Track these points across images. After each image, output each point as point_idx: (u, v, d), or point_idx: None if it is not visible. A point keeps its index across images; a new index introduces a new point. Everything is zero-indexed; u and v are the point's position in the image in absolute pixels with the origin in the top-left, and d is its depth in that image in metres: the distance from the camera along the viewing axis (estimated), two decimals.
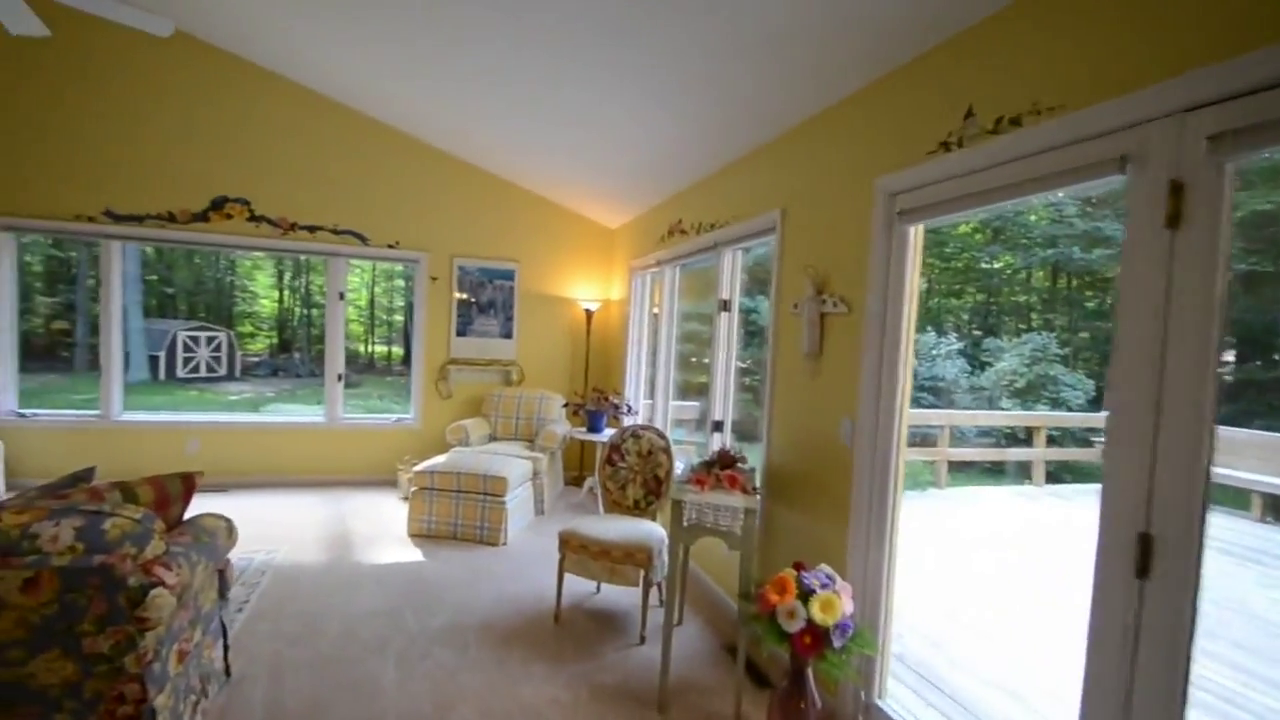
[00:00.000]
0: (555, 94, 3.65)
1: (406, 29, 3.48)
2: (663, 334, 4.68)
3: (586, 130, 4.07)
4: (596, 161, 4.59)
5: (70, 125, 4.63)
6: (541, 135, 4.45)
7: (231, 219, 5.03)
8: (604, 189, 5.13)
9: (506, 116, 4.32)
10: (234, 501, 4.74)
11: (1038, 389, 8.77)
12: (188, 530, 2.23)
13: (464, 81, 3.93)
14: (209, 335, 15.33)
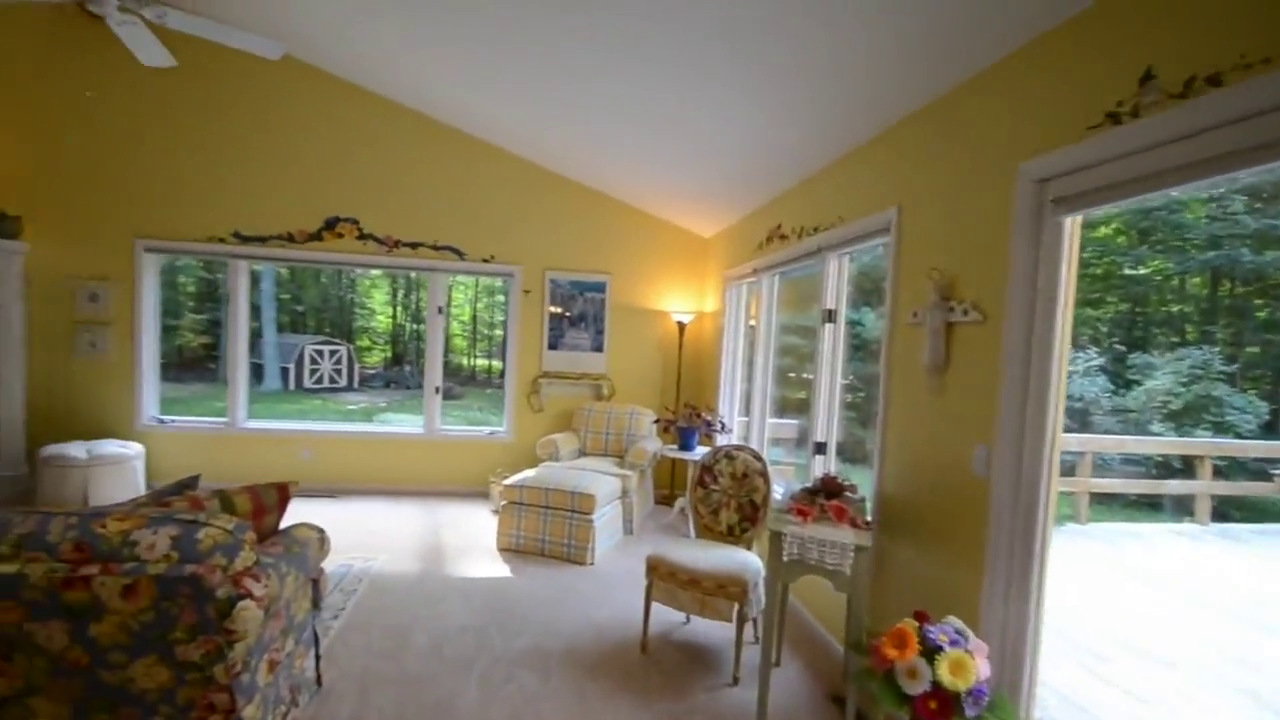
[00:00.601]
0: (645, 99, 3.52)
1: (500, 46, 3.50)
2: (759, 347, 4.40)
3: (680, 135, 3.92)
4: (690, 168, 4.43)
5: (200, 153, 5.08)
6: (634, 143, 4.35)
7: (343, 238, 5.32)
8: (698, 196, 4.96)
9: (598, 126, 4.26)
10: (341, 507, 4.95)
11: (1197, 412, 7.58)
12: (280, 541, 2.24)
13: (556, 92, 3.91)
14: (332, 349, 16.60)
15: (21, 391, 4.68)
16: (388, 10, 3.67)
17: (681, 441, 4.99)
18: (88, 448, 4.45)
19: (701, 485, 3.27)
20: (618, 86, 3.51)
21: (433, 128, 5.34)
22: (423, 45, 4.02)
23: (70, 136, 4.89)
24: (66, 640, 1.72)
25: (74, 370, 4.94)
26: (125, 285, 4.98)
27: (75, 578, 1.68)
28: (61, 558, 1.71)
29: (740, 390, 5.10)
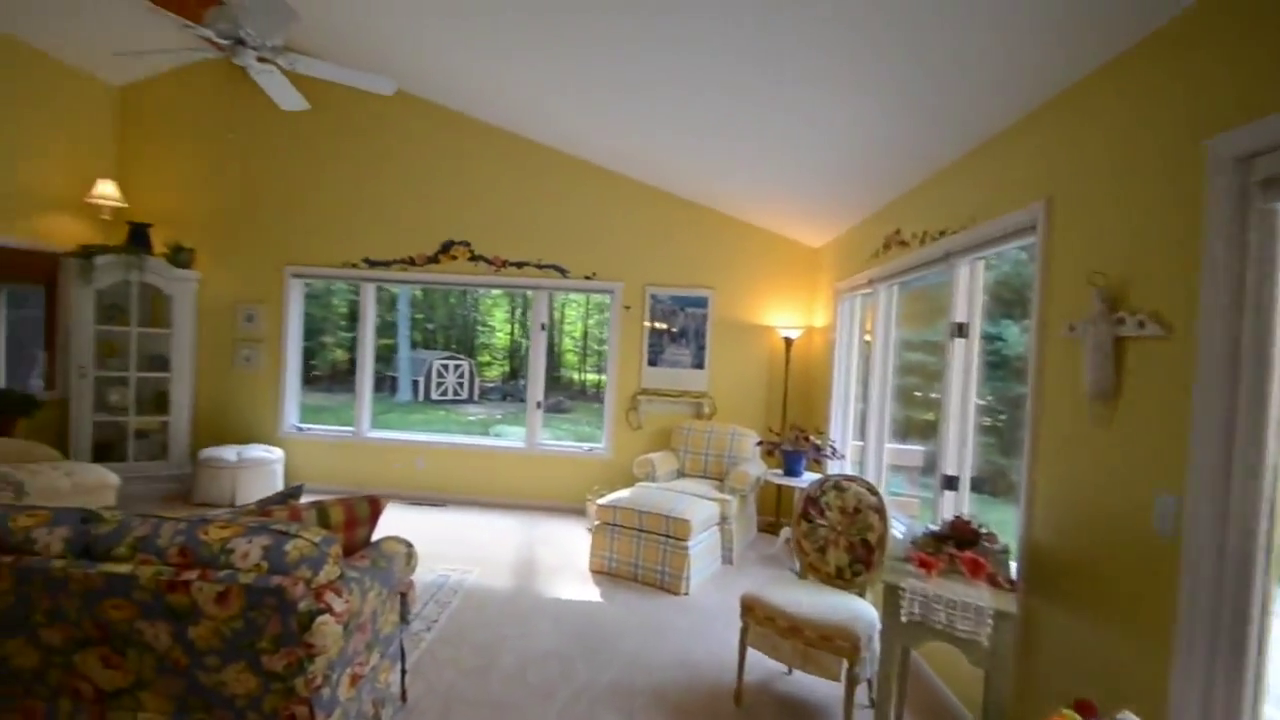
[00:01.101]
0: (749, 108, 3.33)
1: (601, 66, 3.48)
2: (876, 365, 4.00)
3: (787, 143, 3.68)
4: (798, 175, 4.16)
5: (336, 187, 5.58)
6: (737, 154, 4.16)
7: (456, 260, 5.57)
8: (806, 205, 4.65)
9: (701, 140, 4.12)
10: (446, 516, 5.12)
11: None
12: (369, 554, 2.26)
13: (657, 108, 3.83)
14: (456, 364, 17.73)
15: (190, 400, 5.32)
16: (485, 42, 3.78)
17: (787, 466, 4.65)
18: (238, 451, 4.95)
19: (806, 519, 2.96)
20: (721, 98, 3.37)
21: (536, 150, 5.48)
22: (523, 72, 4.12)
23: (231, 179, 5.57)
24: (169, 640, 1.80)
25: (231, 382, 5.55)
26: (275, 307, 5.54)
27: (178, 581, 1.75)
28: (168, 561, 1.79)
29: (854, 412, 4.68)
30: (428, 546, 4.30)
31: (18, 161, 4.72)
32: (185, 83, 5.51)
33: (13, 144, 4.67)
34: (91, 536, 1.81)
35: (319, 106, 4.38)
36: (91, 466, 4.09)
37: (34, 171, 4.84)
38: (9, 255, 4.61)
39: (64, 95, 5.04)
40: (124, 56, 5.09)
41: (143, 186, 5.51)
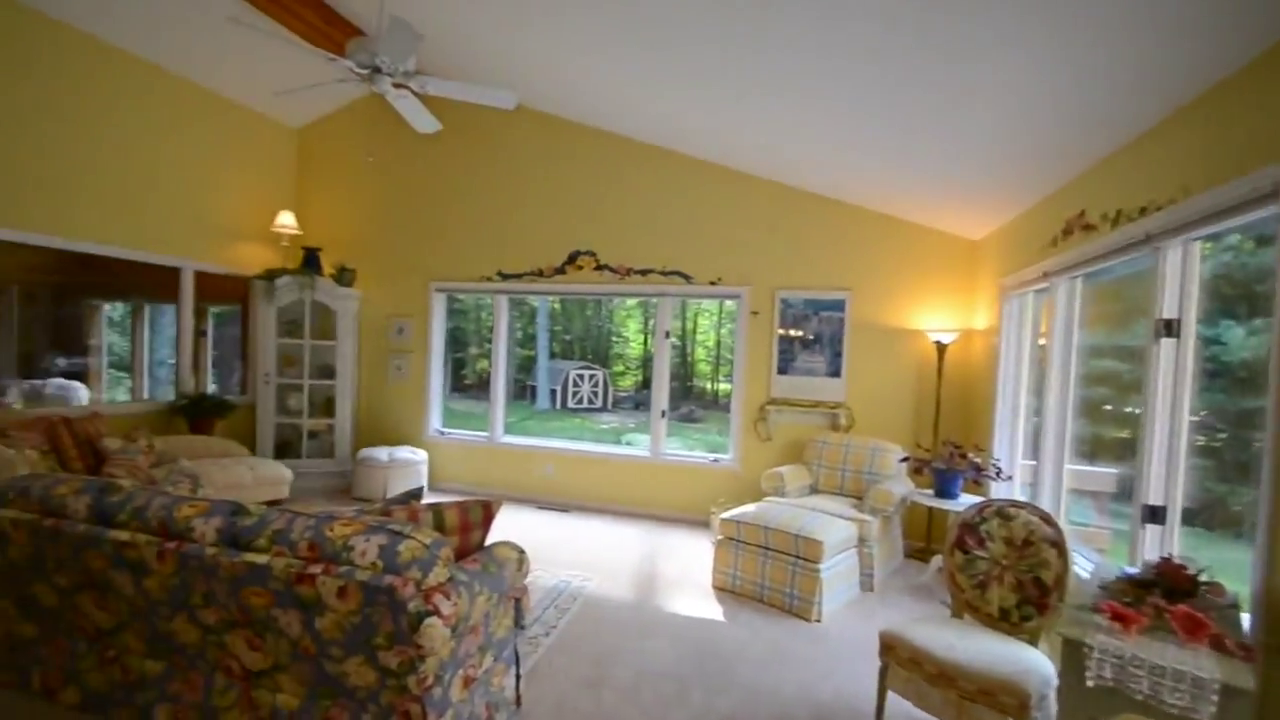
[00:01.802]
0: (893, 89, 2.98)
1: (723, 63, 3.31)
2: (1054, 372, 3.40)
3: (939, 123, 3.27)
4: (953, 158, 3.69)
5: (472, 204, 5.93)
6: (880, 142, 3.80)
7: (583, 269, 5.67)
8: (962, 191, 4.12)
9: (836, 130, 3.81)
10: (570, 522, 5.18)
11: None
12: (480, 558, 2.26)
13: (786, 101, 3.59)
14: (590, 373, 18.35)
15: (352, 405, 5.91)
16: (603, 49, 3.78)
17: (939, 487, 4.11)
18: (389, 452, 5.40)
19: (961, 548, 2.54)
20: (858, 86, 3.08)
21: (656, 155, 5.43)
22: (641, 76, 4.07)
23: (384, 204, 6.16)
24: (300, 628, 1.90)
25: (386, 389, 6.10)
26: (421, 320, 6.01)
27: (305, 574, 1.84)
28: (299, 554, 1.90)
29: (1025, 427, 4.04)
30: (549, 551, 4.38)
31: (220, 200, 5.59)
32: (347, 122, 6.20)
33: (216, 184, 5.54)
34: (238, 528, 1.97)
35: (454, 129, 4.69)
36: (271, 462, 4.67)
37: (231, 207, 5.70)
38: (213, 280, 5.50)
39: (254, 139, 5.89)
40: (303, 103, 5.88)
41: (315, 215, 6.28)
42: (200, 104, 5.30)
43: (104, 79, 4.58)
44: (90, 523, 2.04)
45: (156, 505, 2.03)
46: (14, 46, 4.06)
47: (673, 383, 5.68)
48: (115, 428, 4.17)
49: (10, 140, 4.10)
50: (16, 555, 2.08)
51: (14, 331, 4.58)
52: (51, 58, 4.26)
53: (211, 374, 5.69)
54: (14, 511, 2.07)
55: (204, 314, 5.66)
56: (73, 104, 4.41)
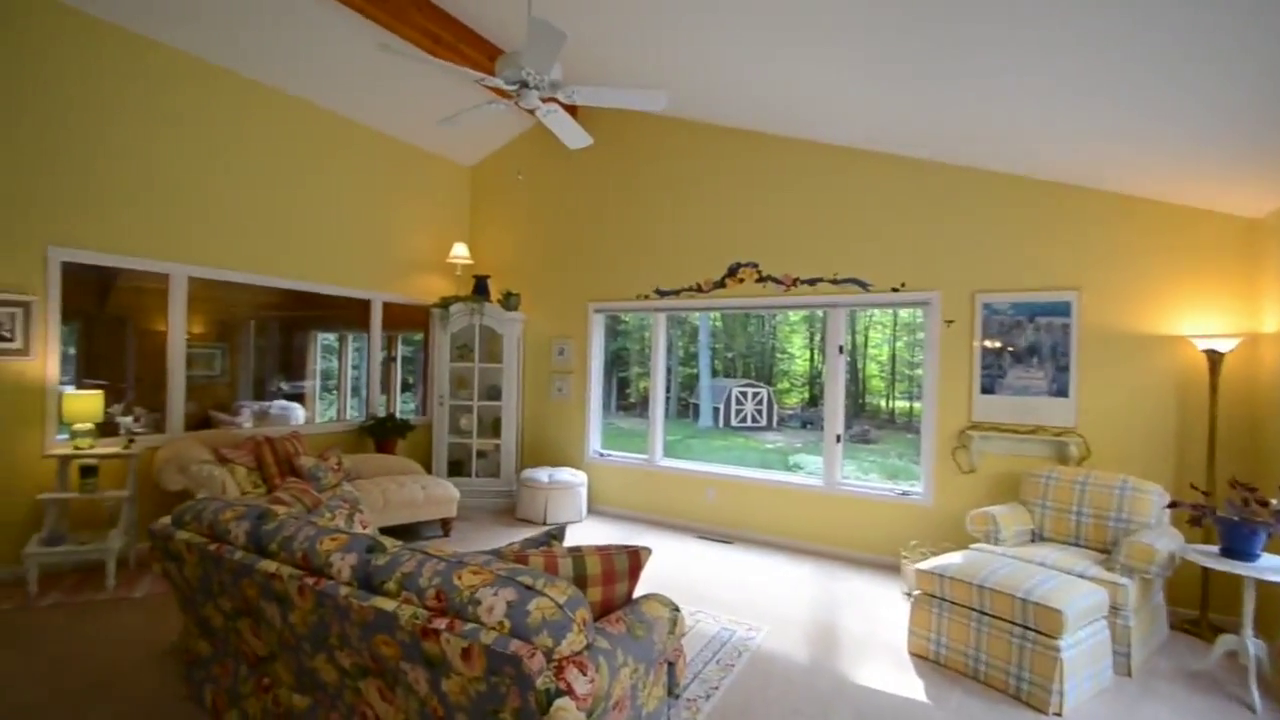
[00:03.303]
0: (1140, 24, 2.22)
1: (920, 35, 2.75)
2: None
3: (1200, 52, 2.38)
4: (1216, 105, 2.71)
5: (629, 222, 5.81)
6: (1114, 95, 2.92)
7: (743, 282, 5.25)
8: (1232, 153, 3.05)
9: (1053, 84, 3.01)
10: (734, 555, 4.72)
11: None
12: (625, 617, 1.94)
13: (989, 61, 2.90)
14: (754, 391, 17.72)
15: (517, 425, 6.05)
16: (765, 45, 3.38)
17: (1229, 543, 3.02)
18: (549, 474, 5.40)
19: None
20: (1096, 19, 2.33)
21: (822, 153, 4.87)
22: (807, 70, 3.60)
23: (545, 229, 6.30)
24: (427, 688, 1.71)
25: (548, 410, 6.17)
26: (581, 341, 6.00)
27: (430, 629, 1.64)
28: (426, 603, 1.71)
29: None
30: (711, 589, 3.96)
31: (403, 237, 6.11)
32: (511, 157, 6.48)
33: (403, 222, 6.07)
34: (371, 566, 1.84)
35: (605, 146, 4.57)
36: (441, 481, 4.86)
37: (412, 243, 6.20)
38: (398, 309, 6.00)
39: (433, 179, 6.38)
40: (474, 144, 6.25)
41: (485, 244, 6.63)
42: (385, 151, 5.85)
43: (309, 138, 5.22)
44: (247, 550, 2.06)
45: (302, 537, 2.00)
46: (239, 113, 4.73)
47: (844, 400, 5.00)
48: (316, 446, 4.62)
49: (239, 198, 4.77)
50: (190, 575, 2.18)
51: (250, 359, 5.41)
52: (266, 122, 4.91)
53: (400, 396, 6.19)
54: (188, 534, 2.18)
55: (394, 341, 6.19)
56: (286, 161, 5.05)
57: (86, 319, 5.58)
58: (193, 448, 3.99)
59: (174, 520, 2.35)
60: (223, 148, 4.64)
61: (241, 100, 4.72)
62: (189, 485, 3.72)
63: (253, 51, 4.52)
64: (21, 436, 3.72)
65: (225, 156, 4.66)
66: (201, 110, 4.50)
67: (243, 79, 4.72)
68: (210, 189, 4.59)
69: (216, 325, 6.08)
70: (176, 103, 4.36)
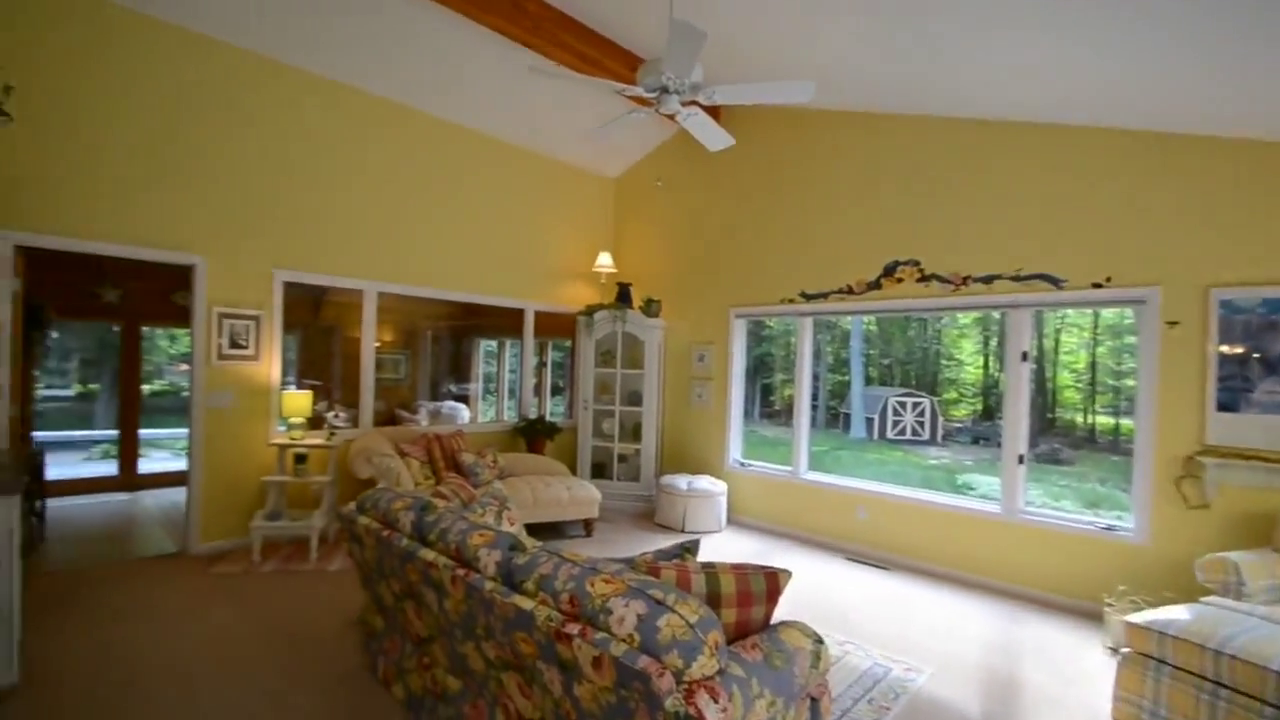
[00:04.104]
0: None
1: None
2: None
3: None
4: None
5: (771, 222, 5.58)
6: None
7: (902, 282, 4.81)
8: None
9: None
10: (890, 584, 4.30)
11: None
12: (762, 644, 1.81)
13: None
14: (914, 401, 16.32)
15: (656, 431, 6.09)
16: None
17: None
18: (688, 481, 5.34)
19: None
20: None
21: (1000, 132, 4.28)
22: (994, 37, 3.19)
23: (685, 235, 6.28)
24: (561, 690, 1.72)
25: (688, 417, 6.13)
26: (721, 347, 5.89)
27: (563, 632, 1.65)
28: (560, 607, 1.73)
29: None
30: (862, 619, 3.64)
31: (555, 248, 6.45)
32: (654, 165, 6.57)
33: (552, 235, 6.42)
34: (513, 565, 1.90)
35: (745, 146, 4.42)
36: (584, 483, 5.01)
37: (562, 253, 6.52)
38: (548, 318, 6.36)
39: (580, 192, 6.67)
40: (619, 155, 6.44)
41: (628, 253, 6.79)
42: (536, 169, 6.23)
43: (468, 160, 5.71)
44: (411, 539, 2.24)
45: (456, 530, 2.13)
46: (411, 143, 5.30)
47: (1028, 414, 4.36)
48: (476, 443, 5.01)
49: (414, 220, 5.36)
50: (369, 556, 2.42)
51: (427, 364, 6.06)
52: (431, 150, 5.45)
53: (550, 400, 6.54)
54: (367, 519, 2.42)
55: (544, 347, 6.56)
56: (450, 184, 5.58)
57: (303, 329, 6.64)
58: (378, 441, 4.51)
59: (357, 506, 2.64)
60: (399, 177, 5.24)
61: (412, 131, 5.30)
62: (374, 474, 4.21)
63: (417, 84, 5.02)
64: (252, 428, 4.46)
65: (402, 184, 5.25)
66: (382, 144, 5.12)
67: (412, 110, 5.28)
68: (392, 214, 5.19)
69: (401, 334, 6.91)
70: (365, 136, 5.00)
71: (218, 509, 4.33)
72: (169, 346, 8.95)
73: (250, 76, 4.42)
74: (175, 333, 8.20)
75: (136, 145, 3.99)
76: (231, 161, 4.37)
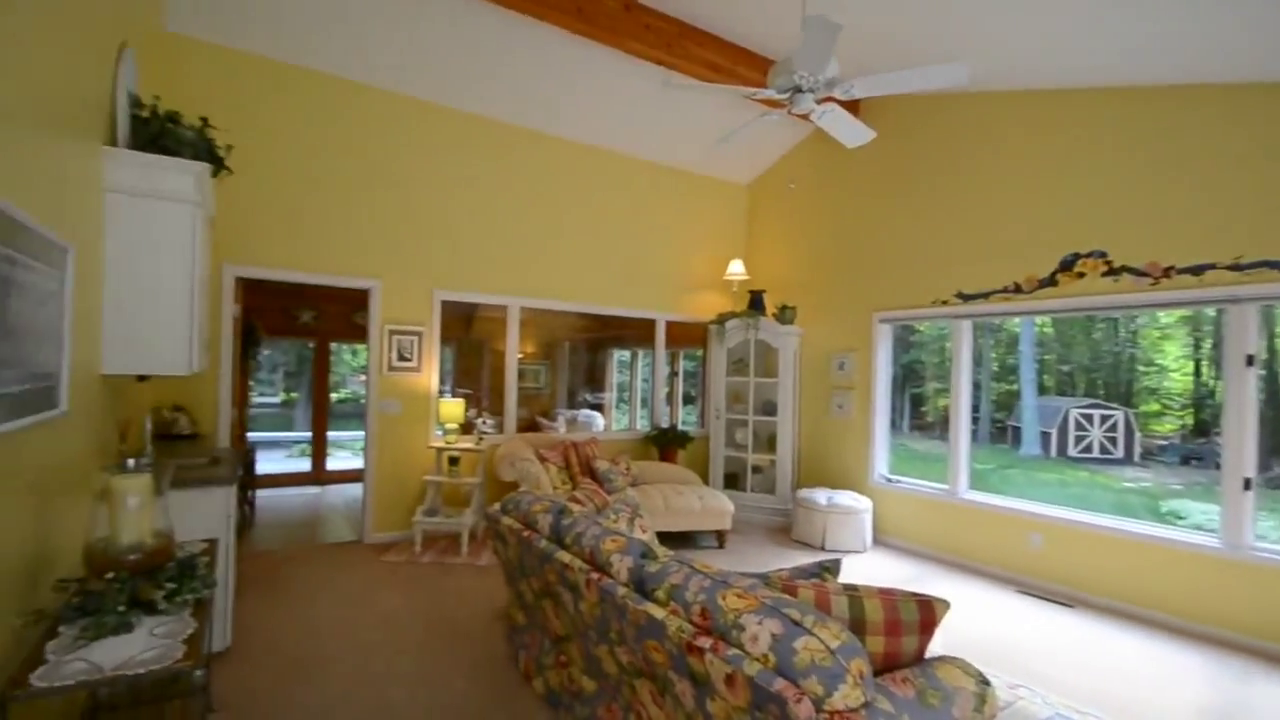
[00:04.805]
0: None
1: None
2: None
3: None
4: None
5: (920, 220, 5.15)
6: None
7: (1084, 277, 4.20)
8: None
9: None
10: (1075, 624, 3.73)
11: None
12: (915, 679, 1.63)
13: None
14: (1103, 414, 14.27)
15: (792, 442, 5.84)
16: None
17: None
18: (828, 496, 5.05)
19: None
20: None
21: (1210, 96, 3.59)
22: None
23: (822, 239, 5.99)
24: (693, 703, 1.68)
25: (826, 428, 5.81)
26: (864, 354, 5.53)
27: (694, 645, 1.61)
28: (691, 618, 1.69)
29: None
30: (1038, 663, 3.18)
31: (686, 258, 6.47)
32: (788, 168, 6.36)
33: (683, 245, 6.45)
34: (644, 572, 1.90)
35: (888, 140, 4.11)
36: (717, 493, 4.92)
37: (693, 262, 6.52)
38: (679, 327, 6.39)
39: (711, 201, 6.64)
40: (751, 161, 6.34)
41: (760, 259, 6.63)
42: (664, 180, 6.31)
43: (599, 178, 5.90)
44: (549, 540, 2.32)
45: (590, 535, 2.17)
46: (546, 165, 5.59)
47: (1256, 431, 3.59)
48: (609, 451, 5.14)
49: (551, 238, 5.64)
50: (512, 555, 2.55)
51: (565, 374, 6.35)
52: (565, 171, 5.70)
53: (682, 409, 6.55)
54: (510, 520, 2.55)
55: (676, 357, 6.59)
56: (581, 201, 5.81)
57: (456, 343, 7.30)
58: (520, 447, 4.79)
59: (501, 507, 2.80)
60: (539, 199, 5.56)
61: (550, 155, 5.60)
62: (516, 478, 4.47)
63: (555, 112, 5.30)
64: (415, 432, 4.95)
65: (541, 206, 5.57)
66: (525, 169, 5.47)
67: (549, 136, 5.58)
68: (532, 234, 5.53)
69: (541, 346, 7.36)
70: (510, 164, 5.38)
71: (387, 504, 4.84)
72: (351, 360, 10.27)
73: (418, 121, 4.95)
74: (356, 348, 9.38)
75: (330, 189, 4.63)
76: (403, 195, 4.91)
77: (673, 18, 4.31)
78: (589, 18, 4.06)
